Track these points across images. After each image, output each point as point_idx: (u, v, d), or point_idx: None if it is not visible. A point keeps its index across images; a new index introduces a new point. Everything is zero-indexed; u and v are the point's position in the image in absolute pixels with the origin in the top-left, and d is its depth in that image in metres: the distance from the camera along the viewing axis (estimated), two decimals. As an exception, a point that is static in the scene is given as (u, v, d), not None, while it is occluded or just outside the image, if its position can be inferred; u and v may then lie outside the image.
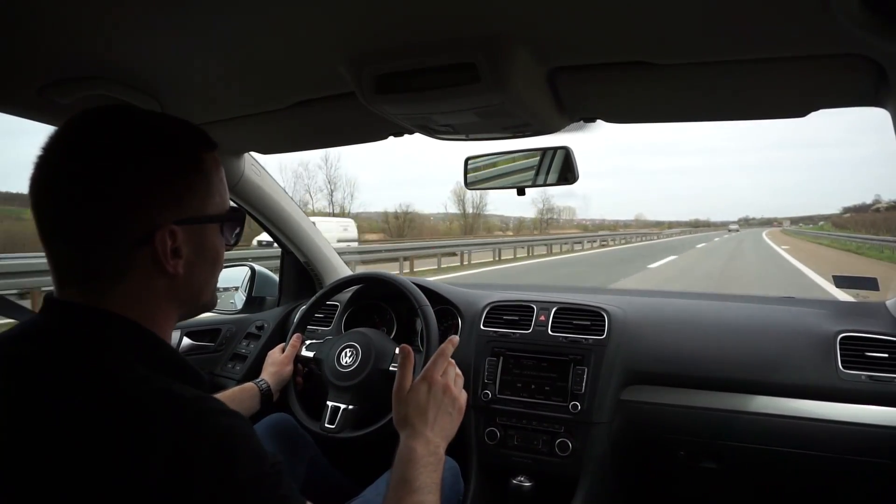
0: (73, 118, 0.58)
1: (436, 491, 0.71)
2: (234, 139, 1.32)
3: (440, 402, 0.81)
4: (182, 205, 0.58)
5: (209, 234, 0.62)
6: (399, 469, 0.72)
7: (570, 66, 0.84)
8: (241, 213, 0.67)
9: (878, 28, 0.61)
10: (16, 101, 0.96)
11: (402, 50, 0.79)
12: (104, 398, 0.49)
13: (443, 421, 0.80)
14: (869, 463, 1.12)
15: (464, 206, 48.00)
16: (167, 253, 0.57)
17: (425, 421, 0.78)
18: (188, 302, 0.63)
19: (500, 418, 1.33)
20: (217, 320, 1.73)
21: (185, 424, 0.49)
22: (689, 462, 1.28)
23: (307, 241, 1.77)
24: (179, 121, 0.63)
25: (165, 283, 0.59)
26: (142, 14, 0.70)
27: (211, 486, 0.48)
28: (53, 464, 0.48)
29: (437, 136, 1.09)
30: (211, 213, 0.62)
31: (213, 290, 0.67)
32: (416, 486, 0.69)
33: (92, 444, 0.47)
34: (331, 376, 1.31)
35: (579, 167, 1.23)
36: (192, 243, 0.60)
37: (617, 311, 1.37)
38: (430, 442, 0.76)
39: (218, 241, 0.64)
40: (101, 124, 0.57)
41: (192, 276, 0.61)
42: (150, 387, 0.51)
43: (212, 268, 0.64)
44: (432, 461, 0.74)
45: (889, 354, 1.15)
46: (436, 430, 0.78)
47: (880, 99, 0.87)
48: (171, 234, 0.57)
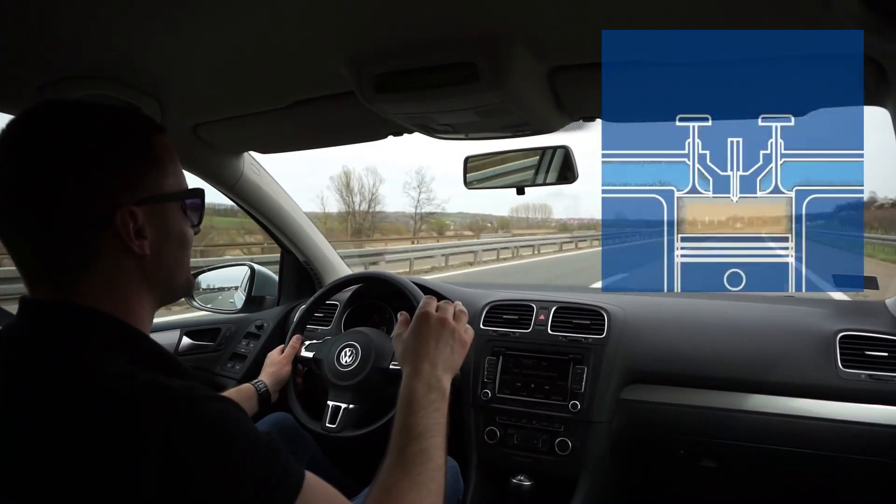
0: (17, 117, 0.58)
1: (439, 432, 0.69)
2: (234, 138, 1.32)
3: (438, 334, 0.79)
4: (137, 186, 0.59)
5: (171, 214, 0.63)
6: (400, 415, 0.71)
7: (569, 65, 0.84)
8: (200, 191, 0.67)
9: (878, 28, 0.61)
10: (16, 101, 0.96)
11: (401, 49, 0.79)
12: (90, 397, 0.49)
13: (443, 352, 0.78)
14: (869, 462, 1.12)
15: (351, 197, 32.08)
16: (130, 233, 0.57)
17: (421, 355, 0.77)
18: (161, 285, 0.63)
19: (500, 417, 1.33)
20: (217, 320, 1.73)
21: (176, 414, 0.49)
22: (688, 461, 1.28)
23: (306, 240, 1.77)
24: (125, 109, 0.63)
25: (135, 266, 0.59)
26: (141, 14, 0.70)
27: (208, 473, 0.48)
28: (46, 468, 0.47)
29: (436, 135, 1.09)
30: (168, 193, 0.62)
31: (187, 273, 0.67)
32: (417, 431, 0.68)
33: (84, 443, 0.47)
34: (331, 376, 1.31)
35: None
36: (154, 224, 0.60)
37: (617, 310, 1.37)
38: (429, 375, 0.75)
39: (182, 222, 0.64)
40: (45, 119, 0.58)
41: (160, 257, 0.61)
42: (135, 381, 0.51)
43: (180, 249, 0.65)
44: (434, 398, 0.72)
45: (889, 353, 1.15)
46: (436, 363, 0.77)
47: (880, 98, 0.87)
48: (131, 215, 0.57)
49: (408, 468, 0.64)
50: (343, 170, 47.77)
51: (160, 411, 0.48)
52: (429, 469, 0.65)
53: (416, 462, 0.65)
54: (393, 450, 0.67)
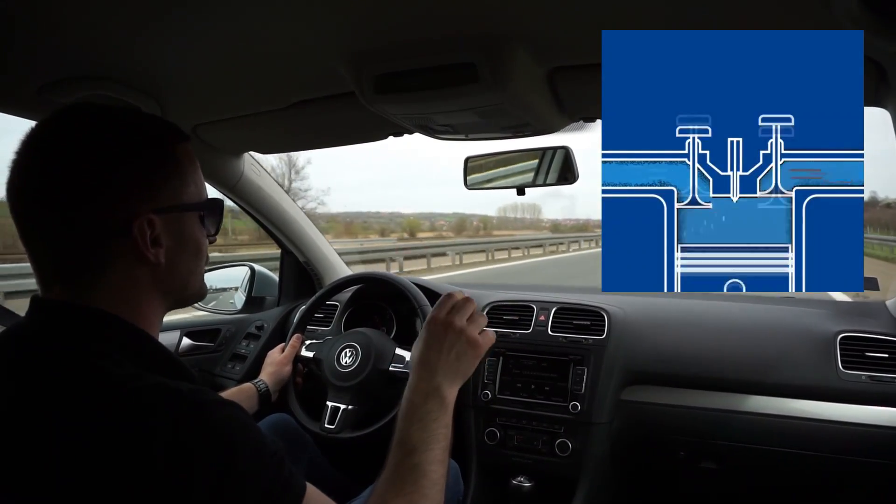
0: (45, 120, 0.58)
1: (436, 444, 0.67)
2: (234, 139, 1.32)
3: (442, 339, 0.75)
4: (158, 195, 0.59)
5: (188, 223, 0.63)
6: (397, 426, 0.69)
7: (569, 65, 0.84)
8: (219, 202, 0.68)
9: (878, 28, 0.61)
10: (15, 101, 0.96)
11: (401, 50, 0.79)
12: (98, 396, 0.49)
13: (446, 358, 0.74)
14: (869, 463, 1.12)
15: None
16: (146, 242, 0.57)
17: (422, 361, 0.74)
18: (174, 292, 0.63)
19: (500, 418, 1.33)
20: (217, 320, 1.73)
21: (184, 418, 0.49)
22: (689, 462, 1.28)
23: (307, 240, 1.77)
24: (151, 116, 0.64)
25: (148, 273, 0.59)
26: (141, 14, 0.70)
27: (212, 479, 0.48)
28: (53, 465, 0.47)
29: (436, 135, 1.09)
30: (187, 203, 0.62)
31: (201, 281, 0.67)
32: (410, 445, 0.66)
33: (91, 443, 0.47)
34: (330, 376, 1.31)
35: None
36: (171, 233, 0.60)
37: (617, 310, 1.37)
38: (426, 384, 0.71)
39: (198, 232, 0.64)
40: (72, 123, 0.58)
41: (174, 265, 0.61)
42: (143, 382, 0.51)
43: (194, 257, 0.64)
44: (431, 408, 0.69)
45: (889, 354, 1.15)
46: (436, 369, 0.73)
47: (880, 98, 0.87)
48: (149, 224, 0.57)
49: (400, 485, 0.63)
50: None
51: (168, 413, 0.48)
52: (422, 486, 0.63)
53: (408, 479, 0.63)
54: (389, 463, 0.66)
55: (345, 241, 19.61)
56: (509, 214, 50.55)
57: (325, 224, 24.09)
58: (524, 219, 50.05)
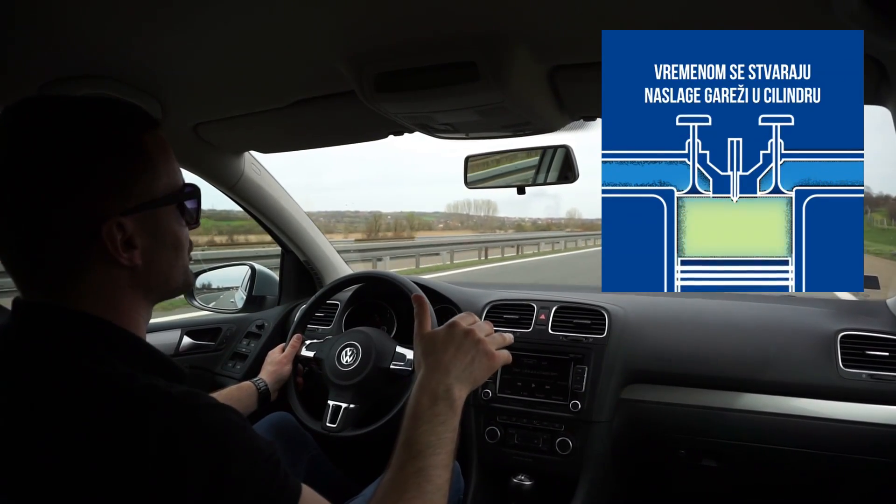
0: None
1: (442, 449, 0.64)
2: (234, 138, 1.32)
3: (461, 342, 0.74)
4: (127, 193, 0.55)
5: (164, 218, 0.59)
6: (403, 427, 0.67)
7: (570, 64, 0.84)
8: (195, 189, 0.63)
9: (878, 27, 0.61)
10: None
11: (401, 48, 0.79)
12: (90, 398, 0.49)
13: (461, 360, 0.73)
14: (870, 461, 1.12)
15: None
16: (118, 247, 0.54)
17: (437, 360, 0.72)
18: (156, 288, 0.61)
19: (501, 417, 1.33)
20: (217, 319, 1.74)
21: (177, 421, 0.48)
22: (689, 460, 1.28)
23: (307, 240, 1.77)
24: (114, 103, 0.58)
25: (126, 275, 0.57)
26: (142, 13, 0.70)
27: (205, 482, 0.47)
28: (46, 467, 0.47)
29: (437, 134, 1.09)
30: (160, 196, 0.58)
31: (185, 272, 0.64)
32: (417, 448, 0.64)
33: (83, 445, 0.47)
34: (331, 375, 1.31)
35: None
36: (146, 231, 0.57)
37: (617, 309, 1.37)
38: (437, 384, 0.69)
39: (176, 224, 0.61)
40: (26, 120, 0.54)
41: (152, 263, 0.58)
42: (136, 383, 0.50)
43: (174, 251, 0.61)
44: (440, 410, 0.67)
45: (890, 353, 1.15)
46: (450, 370, 0.71)
47: (881, 97, 0.87)
48: (119, 227, 0.54)
49: (403, 489, 0.61)
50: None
51: (161, 416, 0.48)
52: (426, 491, 0.61)
53: (411, 484, 0.61)
54: (393, 465, 0.64)
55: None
56: (461, 211, 46.41)
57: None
58: (474, 216, 44.98)
